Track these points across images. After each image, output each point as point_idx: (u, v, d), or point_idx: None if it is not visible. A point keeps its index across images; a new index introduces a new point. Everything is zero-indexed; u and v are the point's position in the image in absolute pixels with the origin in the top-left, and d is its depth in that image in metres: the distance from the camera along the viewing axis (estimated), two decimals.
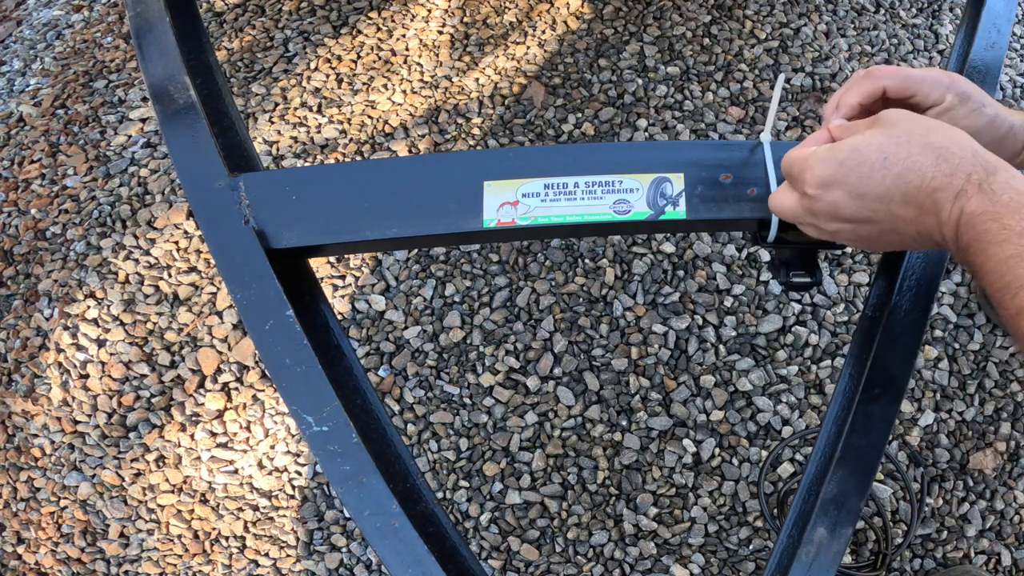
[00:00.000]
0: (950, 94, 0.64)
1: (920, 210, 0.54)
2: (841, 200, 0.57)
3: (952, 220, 0.52)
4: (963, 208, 0.51)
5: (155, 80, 0.84)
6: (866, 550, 1.31)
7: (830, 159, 0.57)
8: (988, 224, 0.50)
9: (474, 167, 0.75)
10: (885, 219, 0.56)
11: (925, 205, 0.54)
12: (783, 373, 1.43)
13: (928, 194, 0.53)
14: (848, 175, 0.56)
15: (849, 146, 0.57)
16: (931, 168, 0.53)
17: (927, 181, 0.53)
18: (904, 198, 0.54)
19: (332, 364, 0.74)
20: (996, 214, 0.50)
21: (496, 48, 1.84)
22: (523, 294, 1.51)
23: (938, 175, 0.53)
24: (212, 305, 1.55)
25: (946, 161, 0.53)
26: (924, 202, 0.54)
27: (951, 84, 0.64)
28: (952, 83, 0.64)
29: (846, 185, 0.56)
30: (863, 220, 0.57)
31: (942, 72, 0.65)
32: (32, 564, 1.41)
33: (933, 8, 1.88)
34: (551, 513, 1.36)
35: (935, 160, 0.53)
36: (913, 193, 0.54)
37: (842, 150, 0.57)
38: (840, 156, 0.57)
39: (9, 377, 1.54)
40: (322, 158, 1.70)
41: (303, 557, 1.36)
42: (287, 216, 0.75)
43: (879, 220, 0.57)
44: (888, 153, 0.55)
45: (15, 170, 1.79)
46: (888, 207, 0.55)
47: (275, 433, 1.44)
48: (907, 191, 0.54)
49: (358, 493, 0.65)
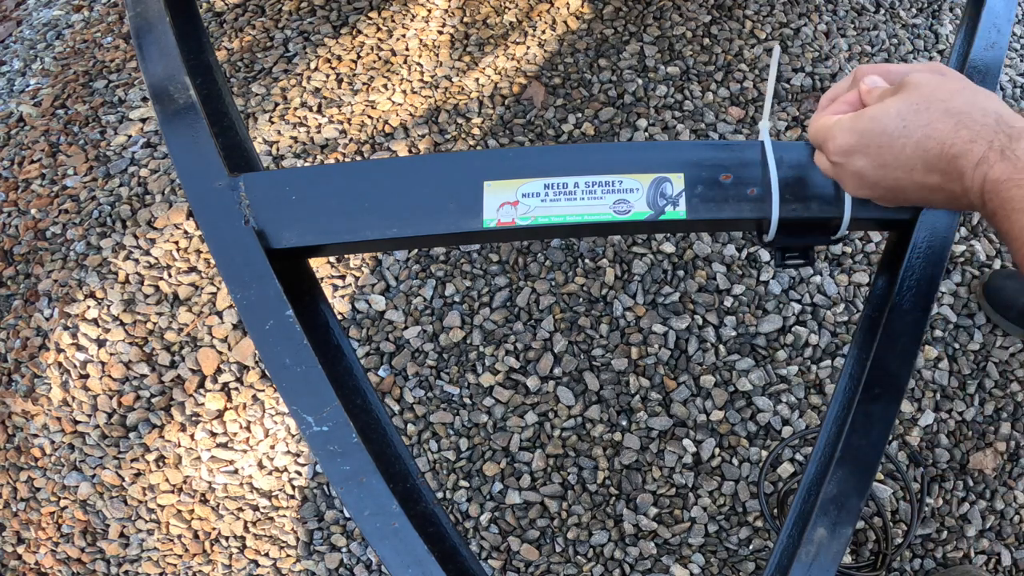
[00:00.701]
0: None
1: (945, 176, 0.53)
2: (865, 169, 0.57)
3: (976, 187, 0.51)
4: (986, 175, 0.50)
5: (155, 80, 0.84)
6: (866, 550, 1.31)
7: (851, 128, 0.57)
8: (1012, 191, 0.49)
9: (474, 167, 0.74)
10: (911, 187, 0.56)
11: (948, 172, 0.53)
12: (783, 373, 1.43)
13: (949, 160, 0.52)
14: (868, 145, 0.56)
15: (869, 115, 0.56)
16: (950, 134, 0.52)
17: (947, 148, 0.52)
18: (926, 166, 0.54)
19: (332, 364, 0.74)
20: (1020, 181, 0.48)
21: (496, 48, 1.84)
22: (523, 294, 1.51)
23: (957, 141, 0.51)
24: (212, 305, 1.55)
25: (966, 127, 0.52)
26: (947, 169, 0.53)
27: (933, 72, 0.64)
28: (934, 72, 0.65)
29: (868, 155, 0.56)
30: (890, 188, 0.57)
31: (926, 63, 0.65)
32: (32, 564, 1.41)
33: (933, 8, 1.88)
34: (551, 513, 1.36)
35: (954, 126, 0.52)
36: (934, 160, 0.53)
37: (862, 119, 0.57)
38: (859, 126, 0.56)
39: (9, 377, 1.54)
40: (322, 158, 1.70)
41: (303, 557, 1.36)
42: (287, 216, 0.75)
43: (905, 187, 0.56)
44: (907, 121, 0.54)
45: (15, 170, 1.79)
46: (911, 176, 0.55)
47: (275, 433, 1.44)
48: (927, 159, 0.53)
49: (358, 493, 0.65)
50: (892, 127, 0.54)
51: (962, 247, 1.55)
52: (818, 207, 0.73)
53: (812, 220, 0.73)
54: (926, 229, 0.73)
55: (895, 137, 0.54)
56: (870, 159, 0.56)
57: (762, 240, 0.73)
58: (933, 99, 0.54)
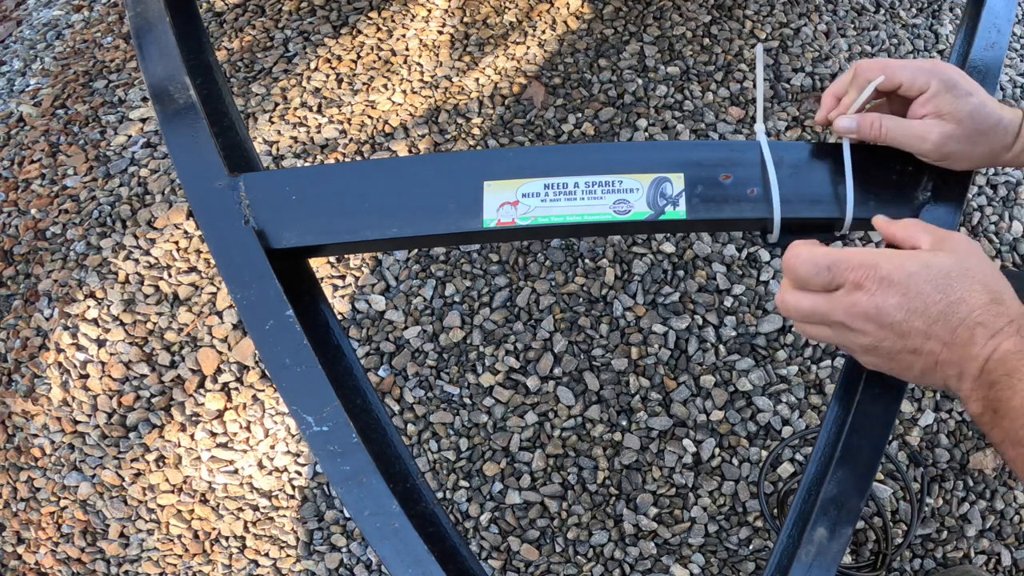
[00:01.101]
0: (935, 80, 0.65)
1: (951, 341, 0.55)
2: (892, 305, 0.57)
3: (983, 355, 0.54)
4: (998, 346, 0.53)
5: (155, 80, 0.84)
6: (866, 550, 1.31)
7: (898, 267, 0.57)
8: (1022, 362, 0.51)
9: (474, 167, 0.75)
10: (916, 339, 0.57)
11: (960, 337, 0.55)
12: (783, 373, 1.43)
13: (968, 327, 0.54)
14: (911, 286, 0.56)
15: (921, 261, 0.57)
16: (981, 307, 0.55)
17: (974, 316, 0.54)
18: (945, 326, 0.55)
19: (332, 364, 0.74)
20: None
21: (496, 48, 1.84)
22: (523, 294, 1.51)
23: (985, 314, 0.54)
24: (212, 305, 1.55)
25: (998, 304, 0.55)
26: (961, 335, 0.55)
27: (936, 71, 0.65)
28: (937, 70, 0.65)
29: (906, 294, 0.56)
30: (898, 333, 0.57)
31: (926, 60, 0.66)
32: (32, 564, 1.41)
33: (933, 8, 1.88)
34: (551, 513, 1.36)
35: (988, 301, 0.55)
36: (955, 324, 0.55)
37: (913, 261, 0.57)
38: (910, 267, 0.57)
39: (9, 377, 1.54)
40: (322, 158, 1.70)
41: (303, 557, 1.36)
42: (287, 216, 0.75)
43: (910, 338, 0.57)
44: (953, 281, 0.56)
45: (15, 170, 1.79)
46: (928, 328, 0.56)
47: (275, 433, 1.44)
48: (951, 320, 0.55)
49: (358, 493, 0.65)
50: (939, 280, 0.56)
51: None
52: (820, 207, 0.73)
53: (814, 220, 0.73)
54: None
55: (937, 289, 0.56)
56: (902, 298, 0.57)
57: (766, 240, 0.73)
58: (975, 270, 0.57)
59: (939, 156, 0.68)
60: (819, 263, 0.59)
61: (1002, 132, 0.65)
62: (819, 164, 0.74)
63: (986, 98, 0.65)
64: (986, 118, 0.65)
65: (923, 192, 0.74)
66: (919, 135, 0.67)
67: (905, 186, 0.74)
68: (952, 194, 0.74)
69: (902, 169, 0.73)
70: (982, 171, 1.66)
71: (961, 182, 0.74)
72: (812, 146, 0.75)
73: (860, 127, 0.70)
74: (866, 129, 0.70)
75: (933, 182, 0.74)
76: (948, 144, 0.66)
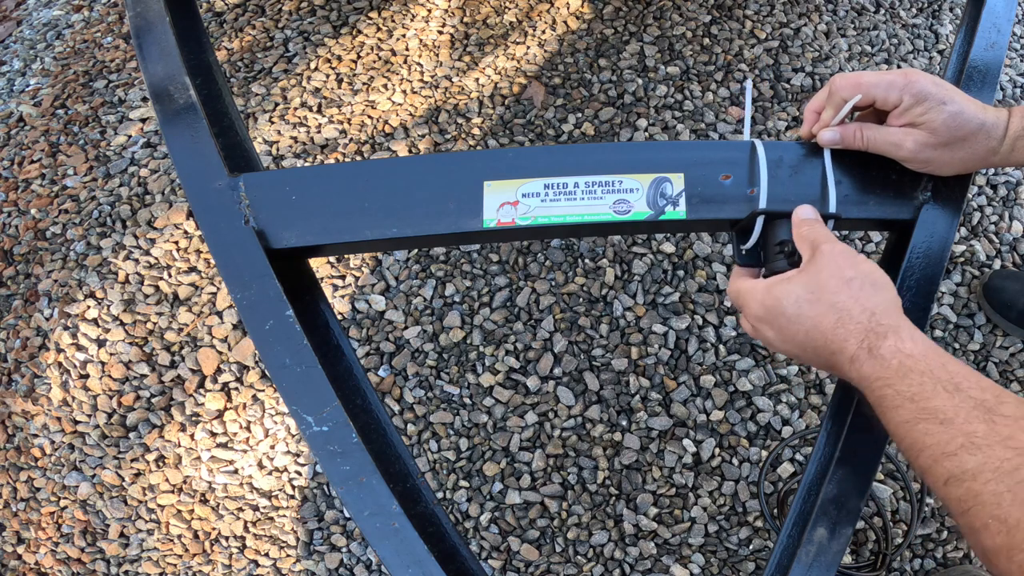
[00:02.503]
0: (906, 95, 0.66)
1: (827, 365, 0.59)
2: (772, 337, 0.63)
3: (855, 381, 0.56)
4: (859, 372, 0.55)
5: (155, 80, 0.84)
6: (866, 550, 1.31)
7: (760, 302, 0.63)
8: (884, 390, 0.53)
9: (474, 167, 0.75)
10: (812, 360, 0.61)
11: (832, 363, 0.58)
12: (783, 373, 1.43)
13: (830, 354, 0.58)
14: (772, 321, 0.62)
15: (774, 296, 0.62)
16: (831, 331, 0.57)
17: (828, 343, 0.57)
18: (815, 352, 0.59)
19: (332, 364, 0.74)
20: (888, 380, 0.53)
21: (496, 48, 1.84)
22: (523, 294, 1.51)
23: (835, 340, 0.57)
24: (212, 305, 1.55)
25: (843, 326, 0.57)
26: (829, 360, 0.58)
27: (906, 85, 0.66)
28: (907, 84, 0.66)
29: (773, 328, 0.62)
30: (797, 356, 0.62)
31: (898, 73, 0.67)
32: (32, 564, 1.41)
33: (933, 8, 1.88)
34: (551, 513, 1.36)
35: (835, 323, 0.57)
36: (820, 350, 0.59)
37: (769, 297, 0.62)
38: (768, 302, 0.62)
39: (9, 377, 1.54)
40: (322, 158, 1.70)
41: (303, 557, 1.36)
42: (287, 216, 0.75)
43: (809, 360, 0.62)
44: (801, 310, 0.59)
45: (15, 170, 1.79)
46: (806, 354, 0.61)
47: (275, 433, 1.44)
48: (815, 348, 0.59)
49: (358, 493, 0.65)
50: (790, 311, 0.60)
51: (962, 247, 1.55)
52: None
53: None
54: (926, 229, 0.73)
55: (792, 321, 0.60)
56: (774, 332, 0.63)
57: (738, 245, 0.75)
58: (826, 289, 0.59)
59: (919, 162, 0.69)
60: (730, 291, 0.69)
61: (984, 136, 0.66)
62: (809, 164, 0.74)
63: (965, 104, 0.65)
64: (964, 124, 0.65)
65: (923, 192, 0.74)
66: (895, 143, 0.69)
67: (905, 186, 0.74)
68: (952, 194, 0.74)
69: (902, 169, 0.73)
70: (982, 171, 1.66)
71: (960, 183, 0.74)
72: (803, 146, 0.75)
73: (843, 138, 0.72)
74: (849, 140, 0.72)
75: (933, 182, 0.74)
76: (923, 151, 0.68)
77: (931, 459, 0.49)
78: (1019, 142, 0.65)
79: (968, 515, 0.45)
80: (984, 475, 0.45)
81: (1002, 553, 0.43)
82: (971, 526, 0.45)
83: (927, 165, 0.69)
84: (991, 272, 1.50)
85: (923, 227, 0.73)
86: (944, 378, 0.51)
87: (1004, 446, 0.45)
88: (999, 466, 0.45)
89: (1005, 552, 0.43)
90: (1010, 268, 1.54)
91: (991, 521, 0.44)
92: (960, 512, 0.46)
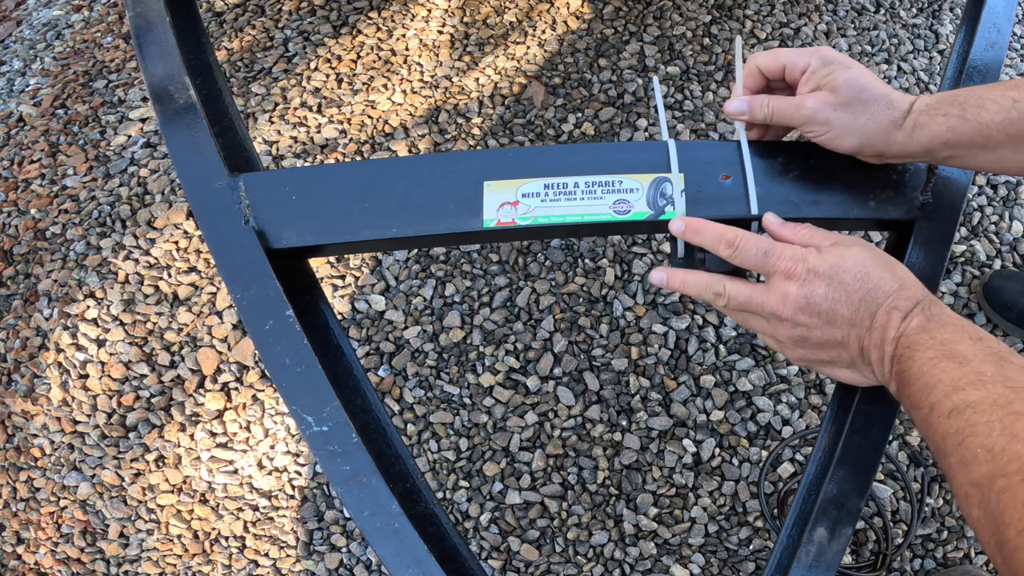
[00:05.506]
0: (814, 58, 0.69)
1: (872, 326, 0.61)
2: (819, 294, 0.62)
3: (896, 334, 0.59)
4: (908, 324, 0.59)
5: (155, 80, 0.84)
6: (866, 550, 1.31)
7: (821, 259, 0.63)
8: (921, 335, 0.57)
9: (474, 167, 0.74)
10: (843, 328, 0.62)
11: (879, 321, 0.60)
12: (783, 373, 1.43)
13: (886, 311, 0.60)
14: (834, 276, 0.62)
15: (838, 254, 0.63)
16: (894, 292, 0.61)
17: (889, 301, 0.60)
18: (867, 310, 0.61)
19: (332, 364, 0.74)
20: (930, 329, 0.57)
21: (496, 48, 1.84)
22: (523, 294, 1.51)
23: (898, 299, 0.60)
24: (212, 305, 1.55)
25: (908, 288, 0.61)
26: (880, 319, 0.60)
27: (816, 51, 0.70)
28: (817, 50, 0.71)
29: (830, 284, 0.62)
30: (826, 321, 0.62)
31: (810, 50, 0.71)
32: (32, 564, 1.41)
33: (933, 8, 1.88)
34: (551, 513, 1.36)
35: (899, 287, 0.61)
36: (874, 309, 0.61)
37: (834, 254, 0.63)
38: (831, 258, 0.63)
39: (9, 377, 1.54)
40: (322, 158, 1.70)
41: (303, 557, 1.36)
42: (287, 216, 0.75)
43: (836, 327, 0.62)
44: (869, 269, 0.62)
45: (15, 170, 1.79)
46: (852, 315, 0.61)
47: (275, 433, 1.44)
48: (871, 306, 0.61)
49: (358, 493, 0.65)
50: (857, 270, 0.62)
51: (962, 247, 1.55)
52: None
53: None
54: (926, 229, 0.73)
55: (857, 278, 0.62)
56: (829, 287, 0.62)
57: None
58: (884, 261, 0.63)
59: (818, 123, 0.69)
60: (760, 247, 0.65)
61: (886, 105, 0.67)
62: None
63: (867, 76, 0.68)
64: (864, 88, 0.67)
65: (923, 193, 0.74)
66: (797, 104, 0.70)
67: (905, 187, 0.74)
68: (952, 195, 0.74)
69: (902, 169, 0.73)
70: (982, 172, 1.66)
71: (961, 183, 0.74)
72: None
73: (751, 107, 0.73)
74: (756, 109, 0.72)
75: (933, 184, 0.74)
76: (823, 110, 0.68)
77: (942, 393, 0.53)
78: (921, 117, 0.65)
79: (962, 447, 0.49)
80: (983, 407, 0.49)
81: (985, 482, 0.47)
82: (963, 459, 0.49)
83: (827, 129, 0.69)
84: (991, 272, 1.50)
85: (923, 227, 0.73)
86: (971, 331, 0.56)
87: (1005, 385, 0.50)
88: (995, 400, 0.49)
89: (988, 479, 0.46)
90: (1010, 268, 1.54)
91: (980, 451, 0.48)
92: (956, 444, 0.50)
